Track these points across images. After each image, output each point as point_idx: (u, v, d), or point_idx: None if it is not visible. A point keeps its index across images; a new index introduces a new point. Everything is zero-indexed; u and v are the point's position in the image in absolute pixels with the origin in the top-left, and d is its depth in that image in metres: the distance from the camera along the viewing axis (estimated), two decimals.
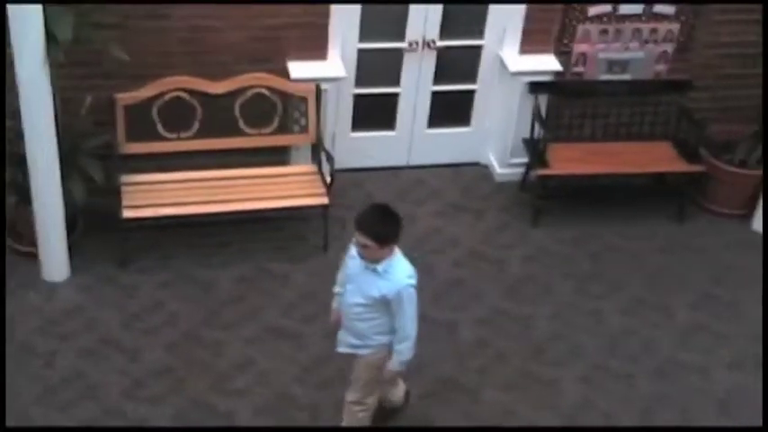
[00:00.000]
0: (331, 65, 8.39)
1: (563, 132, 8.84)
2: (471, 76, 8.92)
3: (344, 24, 8.32)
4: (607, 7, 8.57)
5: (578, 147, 8.78)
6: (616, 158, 8.70)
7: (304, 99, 8.27)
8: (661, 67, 8.93)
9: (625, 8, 8.59)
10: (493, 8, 8.55)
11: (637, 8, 8.61)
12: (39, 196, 7.45)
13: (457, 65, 8.87)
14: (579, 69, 8.80)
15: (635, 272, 8.34)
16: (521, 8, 8.50)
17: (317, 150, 8.38)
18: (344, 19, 8.29)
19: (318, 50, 8.33)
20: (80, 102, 7.85)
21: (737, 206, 8.94)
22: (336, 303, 6.32)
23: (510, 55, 8.67)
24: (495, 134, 9.05)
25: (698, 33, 8.84)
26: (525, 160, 8.84)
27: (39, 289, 7.72)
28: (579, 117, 8.87)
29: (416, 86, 8.83)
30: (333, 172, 8.17)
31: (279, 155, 8.53)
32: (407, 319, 5.96)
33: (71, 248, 7.81)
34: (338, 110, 8.60)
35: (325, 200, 8.07)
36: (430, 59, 8.72)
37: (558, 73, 8.68)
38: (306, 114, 8.31)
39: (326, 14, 8.21)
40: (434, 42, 8.63)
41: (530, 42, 8.63)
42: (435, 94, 8.91)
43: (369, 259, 5.82)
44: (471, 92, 9.00)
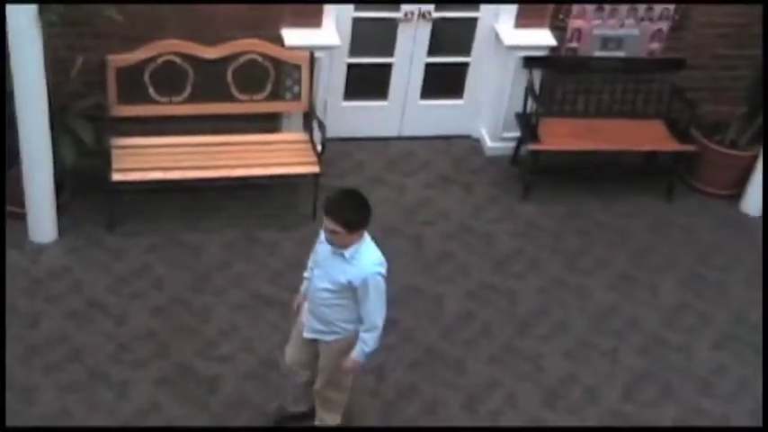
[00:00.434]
0: (325, 33, 8.35)
1: (556, 107, 8.82)
2: (465, 49, 8.88)
3: None
4: None
5: (570, 122, 8.77)
6: (608, 135, 8.69)
7: (297, 67, 8.23)
8: (655, 46, 8.91)
9: None
10: None
11: None
12: (28, 156, 7.40)
13: (451, 37, 8.83)
14: (574, 45, 8.77)
15: (623, 249, 8.36)
16: None
17: (309, 118, 8.35)
18: None
19: (313, 18, 8.28)
20: (71, 62, 7.80)
21: (727, 186, 8.96)
22: (304, 288, 6.17)
23: (505, 28, 8.63)
24: (487, 107, 9.03)
25: (693, 12, 8.81)
26: (517, 134, 8.83)
27: (25, 249, 7.70)
28: (572, 93, 8.86)
29: (410, 57, 8.79)
30: (324, 140, 8.15)
31: (270, 122, 8.49)
32: (373, 308, 5.79)
33: (59, 210, 7.78)
34: (331, 78, 8.56)
35: (315, 168, 8.06)
36: (425, 30, 8.68)
37: (553, 48, 8.66)
38: (299, 82, 8.27)
39: None
40: (430, 14, 8.59)
41: (525, 16, 8.59)
42: (429, 66, 8.88)
43: (337, 245, 5.70)
44: (465, 64, 8.97)
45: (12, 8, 6.71)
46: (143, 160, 7.89)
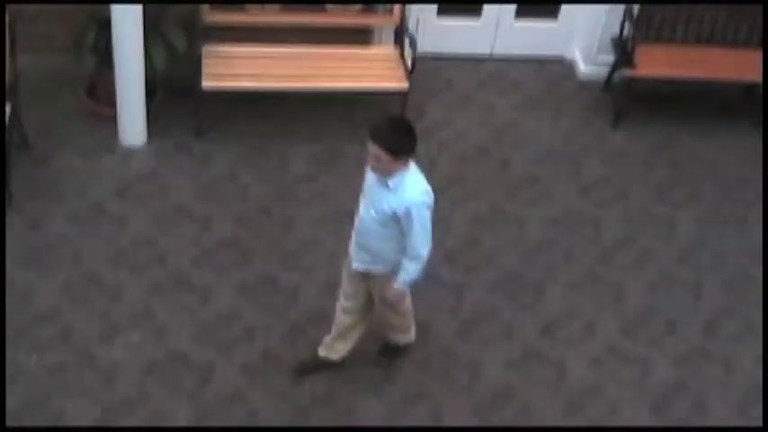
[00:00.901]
0: None
1: (653, 33, 8.55)
2: None
3: None
4: None
5: (668, 49, 8.51)
6: (706, 64, 8.43)
7: None
8: None
9: None
10: None
11: None
12: (121, 61, 7.47)
13: None
14: None
15: (713, 182, 8.17)
16: None
17: (401, 34, 8.25)
18: None
19: None
20: None
21: None
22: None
23: None
24: (582, 30, 8.82)
25: None
26: (612, 59, 8.62)
27: (116, 152, 7.81)
28: (672, 18, 8.57)
29: None
30: (415, 57, 8.06)
31: (362, 36, 8.42)
32: (417, 238, 5.63)
33: (149, 115, 7.87)
34: None
35: (404, 85, 7.99)
36: None
37: None
38: None
39: None
40: None
41: None
42: None
43: (381, 173, 5.55)
44: None
45: None
46: (234, 68, 7.90)
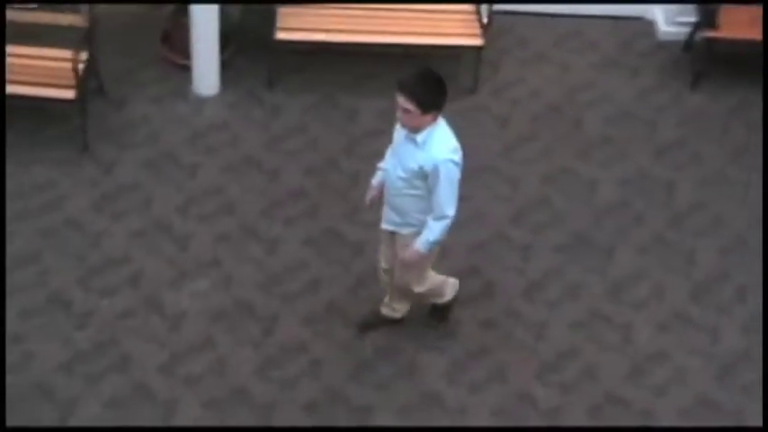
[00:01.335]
0: None
1: None
2: None
3: None
4: None
5: (752, 11, 8.24)
6: None
7: None
8: None
9: None
10: None
11: None
12: (196, 10, 7.50)
13: None
14: None
15: None
16: None
17: None
18: None
19: None
20: None
21: None
22: (376, 180, 5.95)
23: None
24: None
25: None
26: (693, 19, 8.40)
27: (189, 101, 7.87)
28: None
29: None
30: (490, 13, 7.94)
31: None
32: (444, 196, 5.51)
33: (222, 65, 7.90)
34: None
35: (479, 41, 7.89)
36: None
37: None
38: None
39: None
40: None
41: None
42: None
43: (409, 126, 5.44)
44: None
45: None
46: (307, 21, 7.88)
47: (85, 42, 7.30)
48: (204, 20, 7.51)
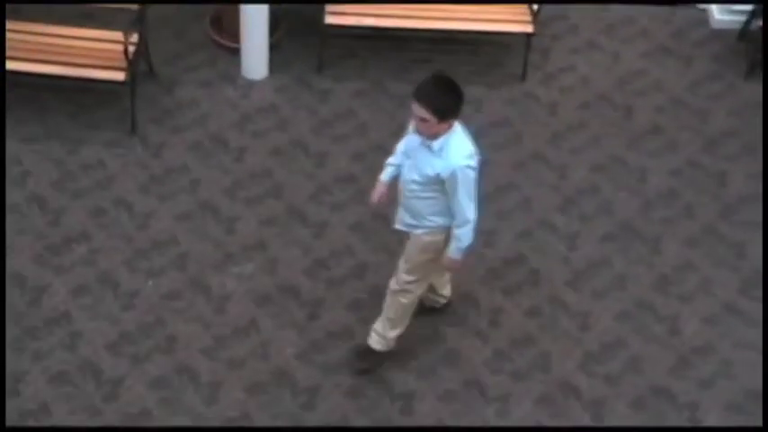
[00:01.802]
0: None
1: None
2: None
3: None
4: None
5: None
6: None
7: None
8: None
9: None
10: None
11: None
12: None
13: None
14: None
15: None
16: None
17: None
18: None
19: None
20: None
21: None
22: (385, 176, 5.84)
23: None
24: None
25: None
26: (750, 8, 8.26)
27: (237, 84, 7.89)
28: None
29: None
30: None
31: None
32: (463, 202, 5.45)
33: (271, 48, 7.91)
34: None
35: (529, 28, 7.82)
36: None
37: None
38: None
39: None
40: None
41: None
42: None
43: (425, 134, 5.35)
44: None
45: None
46: (357, 5, 7.85)
47: (136, 24, 7.34)
48: (254, 3, 7.52)
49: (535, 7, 7.85)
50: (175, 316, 6.49)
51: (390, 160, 5.85)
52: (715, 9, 8.57)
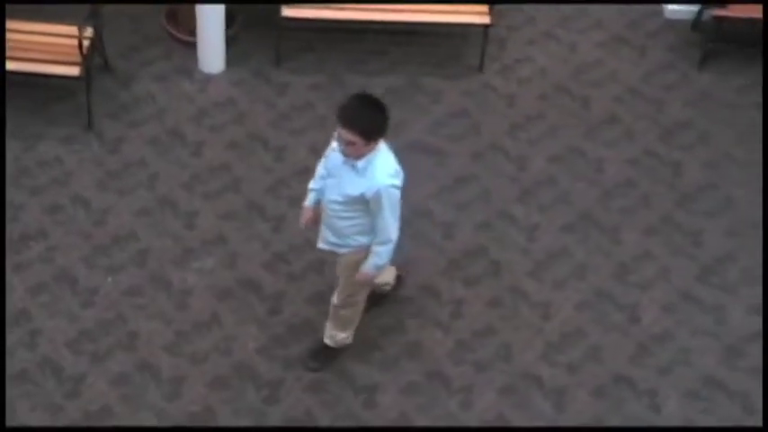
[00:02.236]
0: None
1: None
2: None
3: None
4: None
5: None
6: None
7: None
8: None
9: None
10: None
11: None
12: None
13: None
14: None
15: None
16: None
17: None
18: None
19: None
20: None
21: None
22: (309, 201, 5.77)
23: None
24: None
25: None
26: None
27: (194, 78, 7.84)
28: None
29: None
30: None
31: None
32: (387, 221, 5.38)
33: (228, 42, 7.86)
34: None
35: (486, 19, 7.84)
36: None
37: None
38: None
39: None
40: None
41: None
42: None
43: (352, 156, 5.26)
44: None
45: None
46: None
47: (90, 18, 7.26)
48: (209, 3, 7.46)
49: None
50: (136, 312, 6.45)
51: (312, 185, 5.74)
52: None
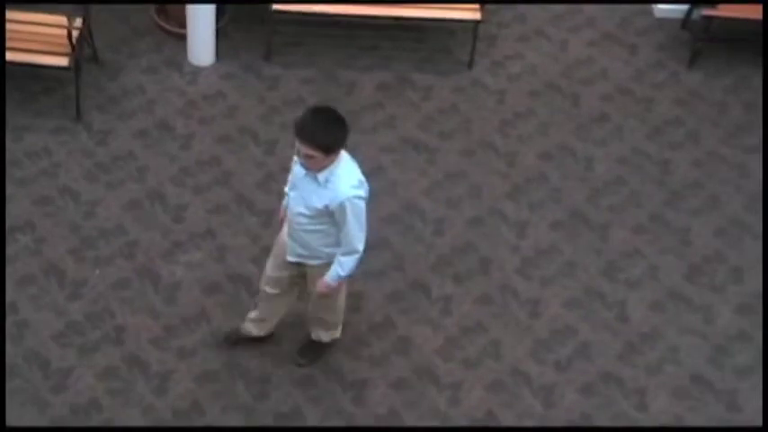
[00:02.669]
0: None
1: None
2: None
3: None
4: None
5: None
6: None
7: None
8: None
9: None
10: None
11: None
12: None
13: None
14: None
15: None
16: None
17: None
18: None
19: None
20: None
21: None
22: (285, 202, 5.68)
23: None
24: None
25: None
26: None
27: (184, 71, 7.80)
28: None
29: None
30: None
31: None
32: (352, 233, 5.29)
33: (218, 35, 7.83)
34: None
35: (477, 15, 7.84)
36: None
37: None
38: None
39: None
40: None
41: None
42: None
43: (313, 169, 5.19)
44: None
45: None
46: None
47: (80, 9, 7.21)
48: (200, 3, 7.45)
49: None
50: (124, 306, 6.41)
51: (287, 189, 5.65)
52: None
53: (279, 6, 7.68)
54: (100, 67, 7.71)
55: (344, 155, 5.29)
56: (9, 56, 7.10)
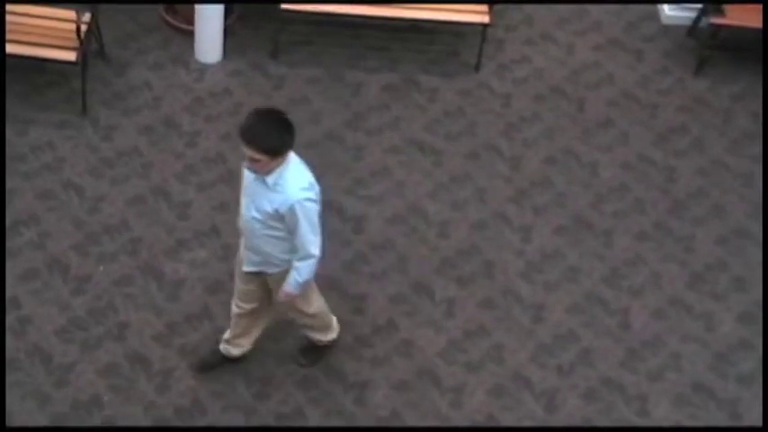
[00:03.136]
0: None
1: None
2: None
3: None
4: None
5: None
6: None
7: None
8: None
9: None
10: None
11: None
12: None
13: None
14: None
15: None
16: None
17: None
18: None
19: None
20: None
21: None
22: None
23: None
24: None
25: None
26: (699, 5, 8.36)
27: (190, 68, 7.79)
28: None
29: None
30: None
31: None
32: (305, 236, 5.21)
33: (226, 32, 7.82)
34: None
35: (485, 18, 7.83)
36: None
37: None
38: None
39: None
40: None
41: None
42: None
43: (261, 172, 5.13)
44: None
45: None
46: None
47: (89, 3, 7.20)
48: (209, 3, 7.45)
49: None
50: (127, 302, 6.41)
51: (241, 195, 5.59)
52: (666, 6, 8.65)
53: (287, 5, 7.68)
54: (107, 63, 7.70)
55: (294, 157, 5.22)
56: (17, 49, 7.09)
